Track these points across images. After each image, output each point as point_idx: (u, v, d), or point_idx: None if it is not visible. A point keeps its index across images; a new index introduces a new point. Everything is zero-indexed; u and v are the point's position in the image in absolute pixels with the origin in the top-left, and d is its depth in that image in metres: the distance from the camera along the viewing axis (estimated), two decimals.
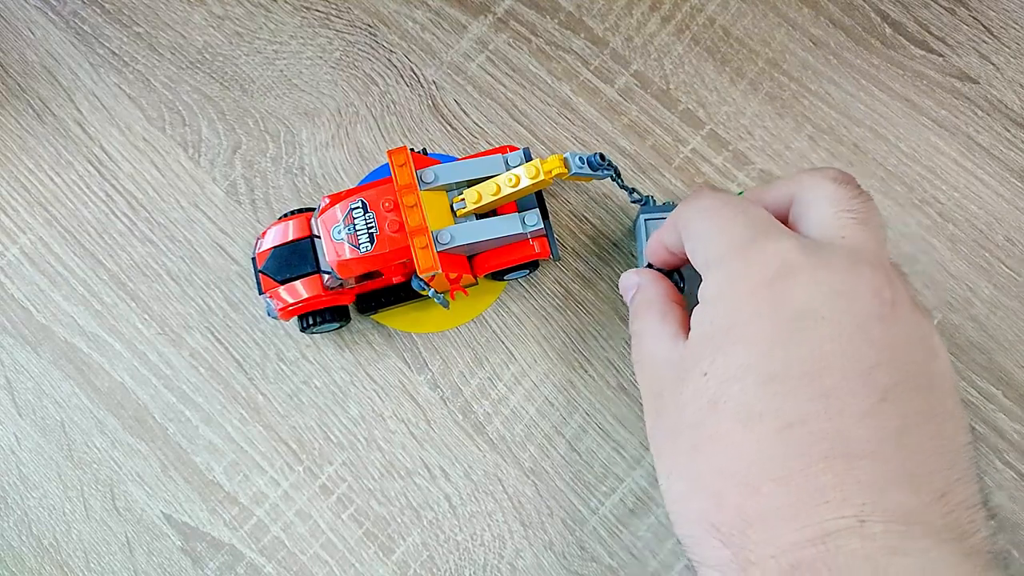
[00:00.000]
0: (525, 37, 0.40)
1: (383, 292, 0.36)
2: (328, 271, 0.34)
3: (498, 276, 0.36)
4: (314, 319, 0.35)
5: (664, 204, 0.36)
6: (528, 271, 0.37)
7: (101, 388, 0.38)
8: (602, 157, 0.34)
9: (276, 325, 0.38)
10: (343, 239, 0.33)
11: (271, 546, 0.36)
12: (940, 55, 0.39)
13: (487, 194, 0.33)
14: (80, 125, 0.40)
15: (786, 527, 0.23)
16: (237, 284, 0.38)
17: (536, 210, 0.34)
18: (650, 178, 0.38)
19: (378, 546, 0.36)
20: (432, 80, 0.40)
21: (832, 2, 0.40)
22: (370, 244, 0.33)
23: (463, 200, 0.34)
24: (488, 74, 0.40)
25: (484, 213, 0.35)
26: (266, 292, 0.35)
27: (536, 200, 0.35)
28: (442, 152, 0.39)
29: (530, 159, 0.35)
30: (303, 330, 0.36)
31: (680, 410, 0.26)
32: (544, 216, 0.35)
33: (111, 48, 0.41)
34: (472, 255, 0.35)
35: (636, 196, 0.36)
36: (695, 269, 0.31)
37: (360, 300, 0.37)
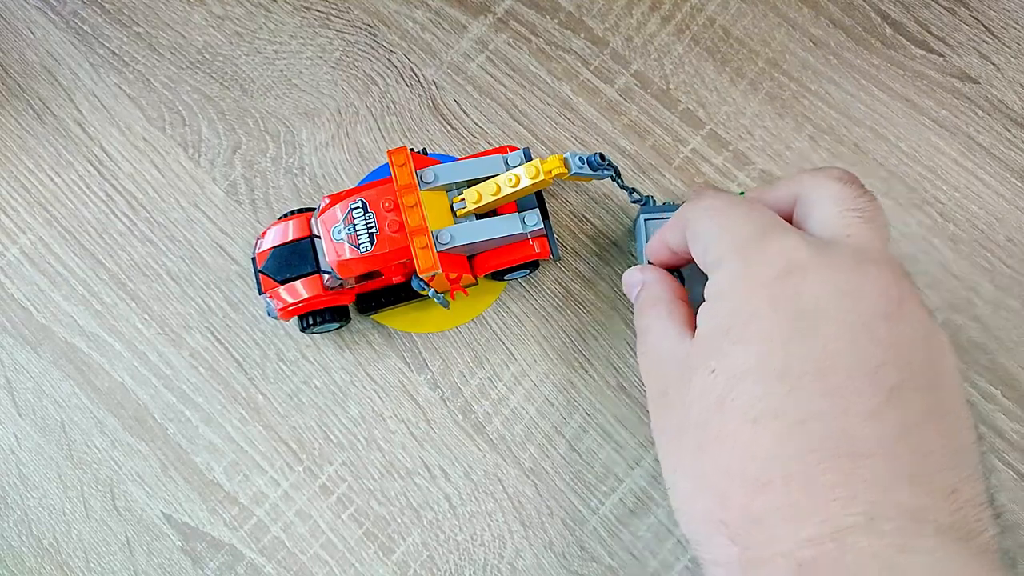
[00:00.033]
0: (525, 37, 0.40)
1: (383, 292, 0.36)
2: (328, 271, 0.34)
3: (498, 276, 0.36)
4: (314, 319, 0.35)
5: (664, 204, 0.36)
6: (528, 271, 0.37)
7: (101, 388, 0.38)
8: (602, 157, 0.34)
9: (276, 325, 0.38)
10: (343, 239, 0.33)
11: (271, 546, 0.36)
12: (940, 55, 0.39)
13: (487, 194, 0.33)
14: (80, 125, 0.40)
15: (794, 525, 0.23)
16: (237, 284, 0.38)
17: (536, 210, 0.34)
18: (650, 178, 0.38)
19: (378, 546, 0.36)
20: (432, 80, 0.40)
21: (832, 2, 0.40)
22: (370, 244, 0.33)
23: (463, 200, 0.34)
24: (488, 74, 0.40)
25: (484, 213, 0.35)
26: (266, 292, 0.35)
27: (536, 200, 0.35)
28: (442, 152, 0.39)
29: (530, 159, 0.35)
30: (303, 330, 0.36)
31: (686, 407, 0.26)
32: (544, 216, 0.35)
33: (111, 48, 0.41)
34: (472, 255, 0.35)
35: (636, 196, 0.36)
36: (696, 269, 0.31)
37: (360, 300, 0.37)
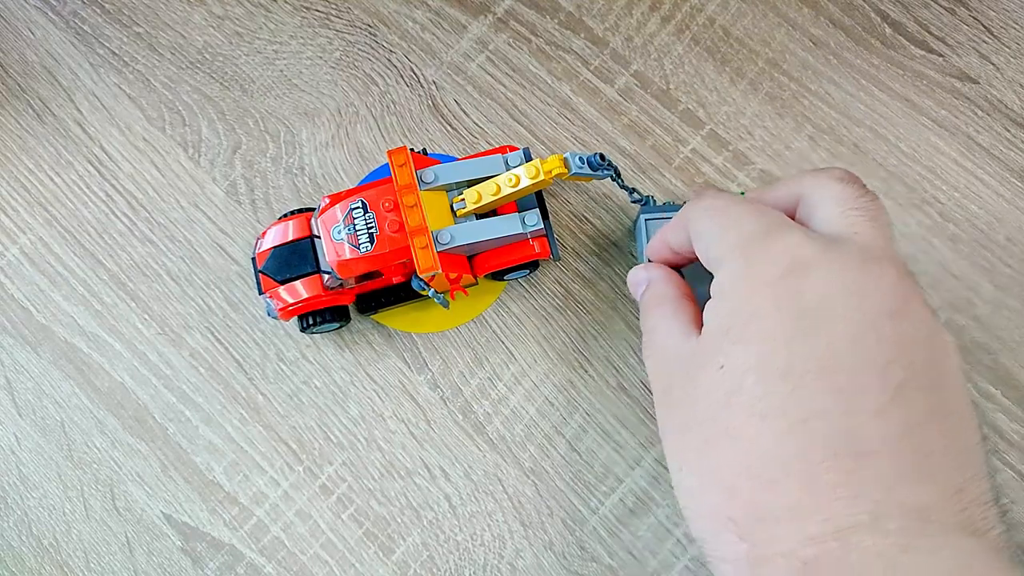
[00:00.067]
0: (525, 37, 0.40)
1: (383, 292, 0.36)
2: (328, 271, 0.34)
3: (498, 276, 0.36)
4: (314, 319, 0.35)
5: (665, 204, 0.36)
6: (528, 271, 0.37)
7: (101, 388, 0.38)
8: (602, 157, 0.34)
9: (276, 325, 0.38)
10: (343, 239, 0.33)
11: (271, 546, 0.36)
12: (940, 55, 0.39)
13: (487, 194, 0.33)
14: (80, 125, 0.40)
15: (799, 523, 0.23)
16: (237, 284, 0.38)
17: (536, 210, 0.34)
18: (650, 178, 0.38)
19: (378, 546, 0.36)
20: (432, 80, 0.40)
21: (832, 2, 0.40)
22: (370, 244, 0.33)
23: (463, 200, 0.34)
24: (488, 74, 0.40)
25: (484, 213, 0.35)
26: (266, 292, 0.35)
27: (536, 200, 0.35)
28: (442, 152, 0.39)
29: (530, 159, 0.35)
30: (303, 330, 0.36)
31: (693, 404, 0.26)
32: (544, 216, 0.35)
33: (111, 48, 0.41)
34: (472, 255, 0.35)
35: (636, 196, 0.36)
36: (697, 269, 0.31)
37: (360, 300, 0.36)
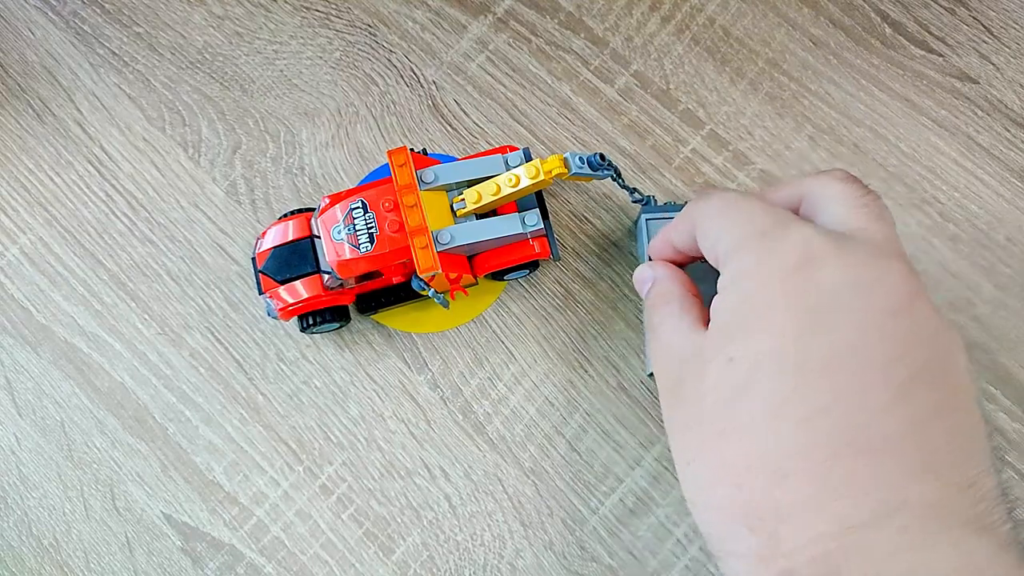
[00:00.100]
0: (525, 37, 0.40)
1: (383, 292, 0.36)
2: (328, 271, 0.34)
3: (498, 276, 0.36)
4: (314, 319, 0.35)
5: (666, 204, 0.36)
6: (528, 271, 0.37)
7: (101, 388, 0.38)
8: (602, 157, 0.34)
9: (276, 325, 0.38)
10: (343, 239, 0.33)
11: (271, 546, 0.36)
12: (940, 55, 0.39)
13: (487, 194, 0.33)
14: (80, 125, 0.40)
15: (810, 518, 0.23)
16: (237, 284, 0.38)
17: (536, 210, 0.34)
18: (650, 178, 0.38)
19: (378, 546, 0.36)
20: (432, 80, 0.40)
21: (832, 2, 0.40)
22: (370, 244, 0.33)
23: (463, 200, 0.34)
24: (488, 74, 0.40)
25: (484, 213, 0.35)
26: (266, 292, 0.35)
27: (536, 200, 0.35)
28: (442, 152, 0.39)
29: (530, 159, 0.35)
30: (303, 330, 0.36)
31: (701, 398, 0.26)
32: (544, 216, 0.35)
33: (111, 48, 0.41)
34: (472, 255, 0.35)
35: (638, 196, 0.36)
36: (699, 269, 0.31)
37: (360, 300, 0.36)
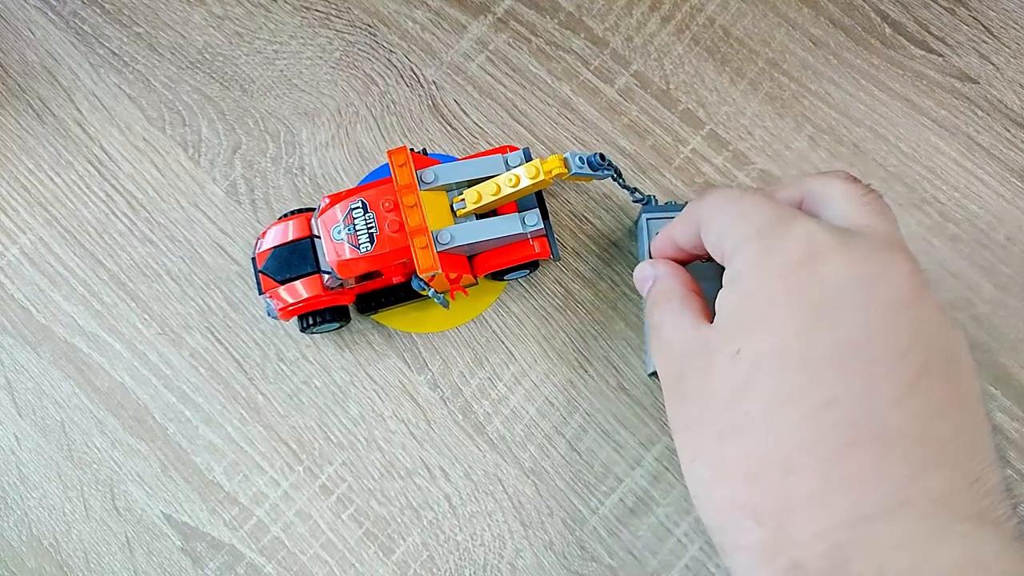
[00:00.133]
0: (525, 37, 0.40)
1: (383, 292, 0.36)
2: (328, 271, 0.34)
3: (498, 276, 0.36)
4: (314, 319, 0.35)
5: (666, 204, 0.36)
6: (528, 271, 0.37)
7: (101, 388, 0.38)
8: (602, 157, 0.34)
9: (276, 325, 0.38)
10: (343, 239, 0.33)
11: (271, 546, 0.36)
12: (940, 55, 0.39)
13: (487, 194, 0.33)
14: (80, 125, 0.40)
15: (819, 511, 0.23)
16: (237, 284, 0.38)
17: (536, 210, 0.34)
18: (650, 178, 0.38)
19: (378, 546, 0.36)
20: (432, 80, 0.40)
21: (832, 2, 0.40)
22: (370, 244, 0.33)
23: (463, 200, 0.34)
24: (488, 74, 0.40)
25: (484, 213, 0.35)
26: (266, 292, 0.35)
27: (536, 200, 0.35)
28: (442, 152, 0.39)
29: (530, 159, 0.35)
30: (303, 330, 0.36)
31: (707, 394, 0.25)
32: (544, 216, 0.35)
33: (111, 48, 0.41)
34: (472, 255, 0.35)
35: (638, 196, 0.36)
36: (698, 269, 0.31)
37: (360, 300, 0.36)
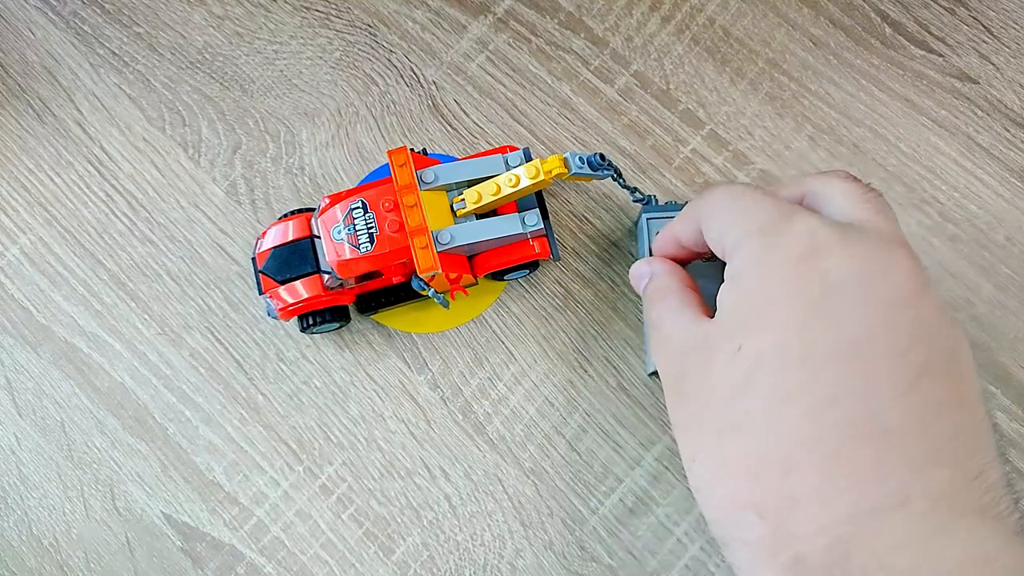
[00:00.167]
0: (525, 37, 0.40)
1: (383, 292, 0.36)
2: (328, 271, 0.34)
3: (498, 276, 0.36)
4: (314, 319, 0.35)
5: (666, 204, 0.36)
6: (528, 271, 0.37)
7: (101, 388, 0.38)
8: (602, 157, 0.34)
9: (276, 325, 0.38)
10: (343, 239, 0.33)
11: (271, 546, 0.36)
12: (940, 55, 0.39)
13: (487, 194, 0.33)
14: (80, 125, 0.40)
15: (821, 507, 0.23)
16: (237, 284, 0.38)
17: (536, 210, 0.34)
18: (650, 178, 0.38)
19: (378, 546, 0.36)
20: (432, 80, 0.40)
21: (832, 2, 0.40)
22: (370, 244, 0.33)
23: (463, 200, 0.34)
24: (488, 74, 0.40)
25: (484, 213, 0.35)
26: (266, 292, 0.35)
27: (536, 200, 0.35)
28: (442, 152, 0.39)
29: (530, 159, 0.35)
30: (303, 330, 0.36)
31: (708, 391, 0.25)
32: (544, 216, 0.35)
33: (111, 48, 0.41)
34: (472, 255, 0.35)
35: (639, 195, 0.36)
36: (698, 268, 0.31)
37: (360, 300, 0.36)
